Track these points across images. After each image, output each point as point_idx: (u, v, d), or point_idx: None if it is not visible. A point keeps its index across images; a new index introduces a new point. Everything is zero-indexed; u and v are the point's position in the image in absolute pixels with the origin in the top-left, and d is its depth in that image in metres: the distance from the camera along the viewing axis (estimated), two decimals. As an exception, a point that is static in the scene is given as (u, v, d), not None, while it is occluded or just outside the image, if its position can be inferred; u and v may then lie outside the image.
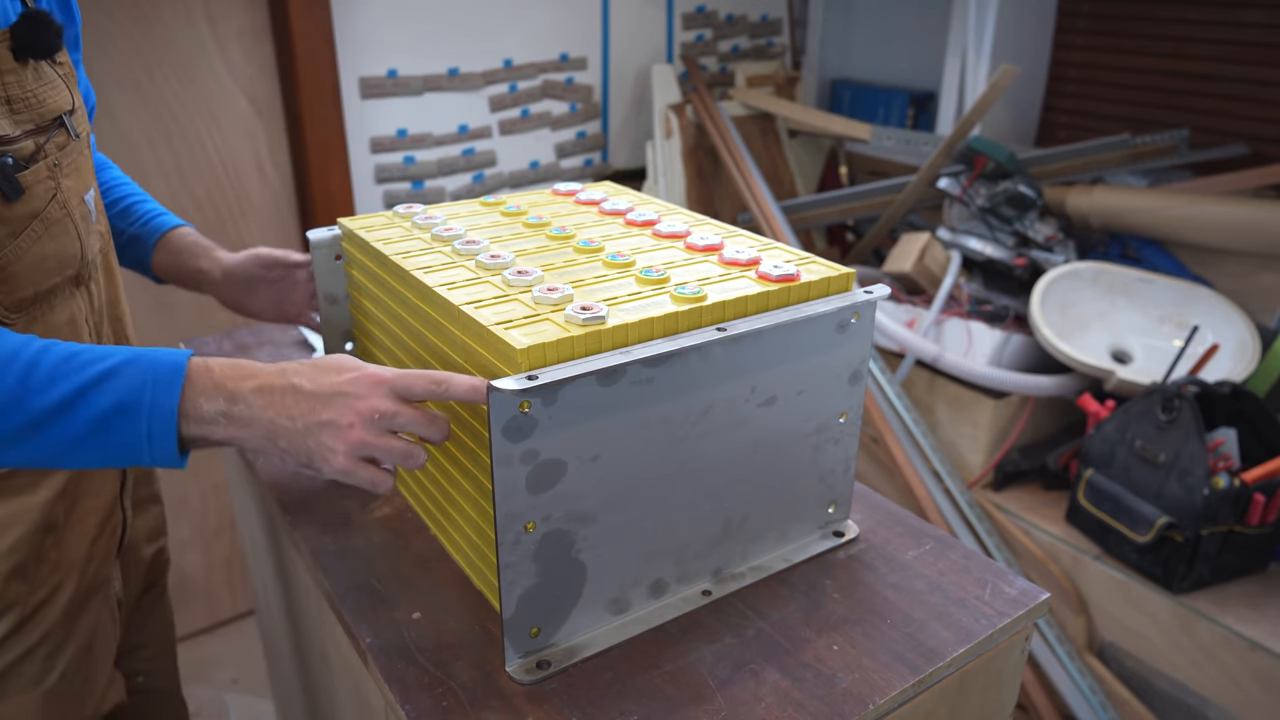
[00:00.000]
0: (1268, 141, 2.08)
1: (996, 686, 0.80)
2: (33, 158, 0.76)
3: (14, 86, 0.76)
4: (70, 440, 0.64)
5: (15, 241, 0.74)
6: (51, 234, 0.78)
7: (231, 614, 2.29)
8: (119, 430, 0.64)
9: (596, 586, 0.72)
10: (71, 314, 0.82)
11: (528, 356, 0.63)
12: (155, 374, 0.64)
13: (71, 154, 0.82)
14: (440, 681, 0.69)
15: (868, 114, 2.75)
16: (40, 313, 0.78)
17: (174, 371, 0.65)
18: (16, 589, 0.79)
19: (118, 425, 0.64)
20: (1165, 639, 1.66)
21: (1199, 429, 1.60)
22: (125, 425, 0.64)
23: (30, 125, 0.77)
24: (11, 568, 0.78)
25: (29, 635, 0.81)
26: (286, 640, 1.21)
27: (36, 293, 0.77)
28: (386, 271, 0.83)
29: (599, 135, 2.58)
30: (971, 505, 1.90)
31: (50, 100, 0.79)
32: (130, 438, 0.64)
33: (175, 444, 0.65)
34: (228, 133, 2.03)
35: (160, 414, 0.64)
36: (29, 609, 0.80)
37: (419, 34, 2.17)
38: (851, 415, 0.83)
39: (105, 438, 0.64)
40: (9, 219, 0.73)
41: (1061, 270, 2.01)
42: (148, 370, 0.65)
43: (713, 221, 0.93)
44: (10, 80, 0.75)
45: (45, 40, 0.78)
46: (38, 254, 0.76)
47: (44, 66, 0.79)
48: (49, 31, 0.78)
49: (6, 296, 0.75)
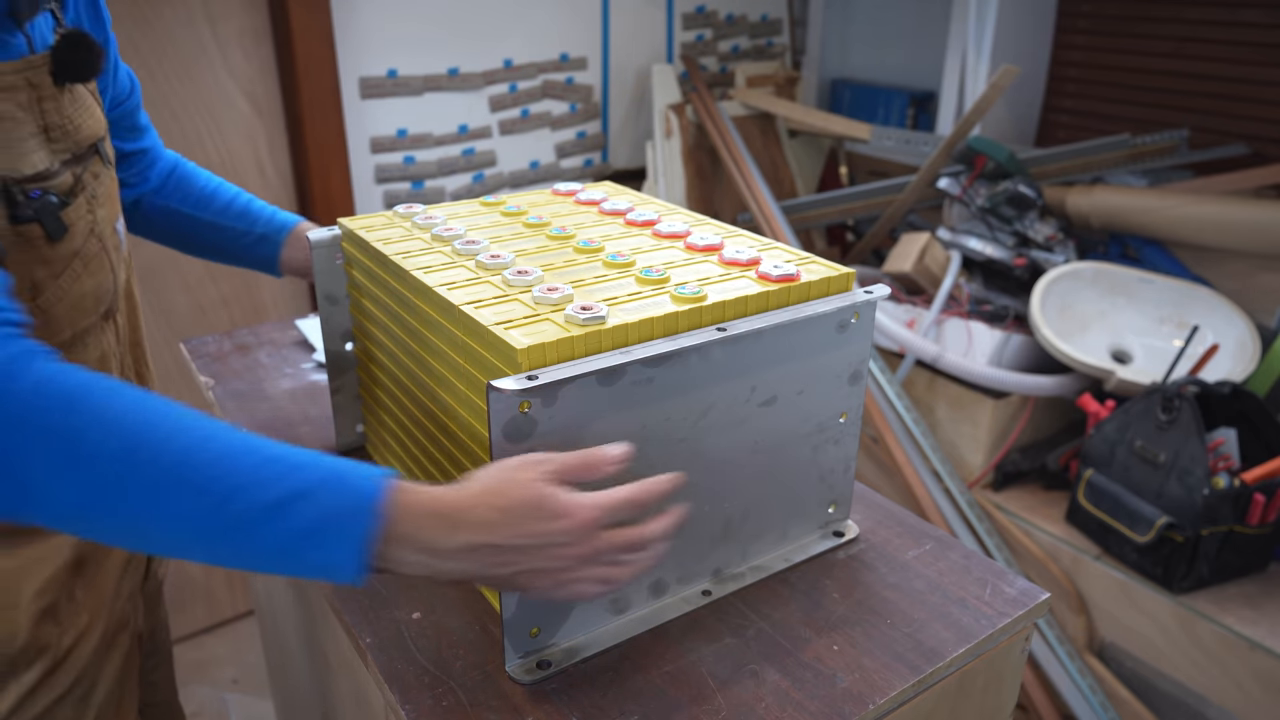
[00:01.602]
0: (1268, 141, 2.08)
1: (996, 686, 0.80)
2: (72, 191, 0.72)
3: (52, 114, 0.71)
4: (263, 550, 0.56)
5: (57, 283, 0.71)
6: (89, 270, 0.74)
7: (231, 614, 2.29)
8: (308, 555, 0.56)
9: (596, 586, 0.72)
10: (103, 350, 0.79)
11: (528, 356, 0.63)
12: (351, 506, 0.56)
13: (105, 182, 0.78)
14: (440, 681, 0.69)
15: (868, 114, 2.75)
16: (75, 354, 0.75)
17: (367, 505, 0.56)
18: (48, 632, 0.76)
19: (309, 552, 0.55)
20: (1165, 639, 1.66)
21: (1199, 429, 1.60)
22: (315, 553, 0.55)
23: (67, 155, 0.73)
24: (42, 610, 0.75)
25: (61, 680, 0.78)
26: (286, 640, 1.21)
27: (74, 333, 0.74)
28: (386, 271, 0.83)
29: (599, 135, 2.58)
30: (971, 505, 1.90)
31: (85, 126, 0.75)
32: (318, 561, 0.56)
33: (357, 575, 0.56)
34: (228, 133, 2.03)
35: (349, 550, 0.55)
36: (61, 652, 0.78)
37: (419, 34, 2.17)
38: (851, 415, 0.83)
39: (292, 558, 0.56)
40: (51, 259, 0.70)
41: (1061, 270, 2.01)
42: (347, 501, 0.56)
43: (713, 221, 0.93)
44: (49, 107, 0.71)
45: (89, 63, 0.73)
46: (77, 293, 0.73)
47: (78, 89, 0.75)
48: (90, 53, 0.74)
49: (46, 341, 0.69)
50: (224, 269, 2.09)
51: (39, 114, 0.70)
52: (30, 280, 0.69)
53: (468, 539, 0.57)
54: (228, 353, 1.29)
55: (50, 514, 0.55)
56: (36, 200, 0.69)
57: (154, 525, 0.55)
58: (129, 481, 0.53)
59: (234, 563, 0.58)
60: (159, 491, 0.54)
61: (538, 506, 0.59)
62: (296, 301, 2.24)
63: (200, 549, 0.56)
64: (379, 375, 0.92)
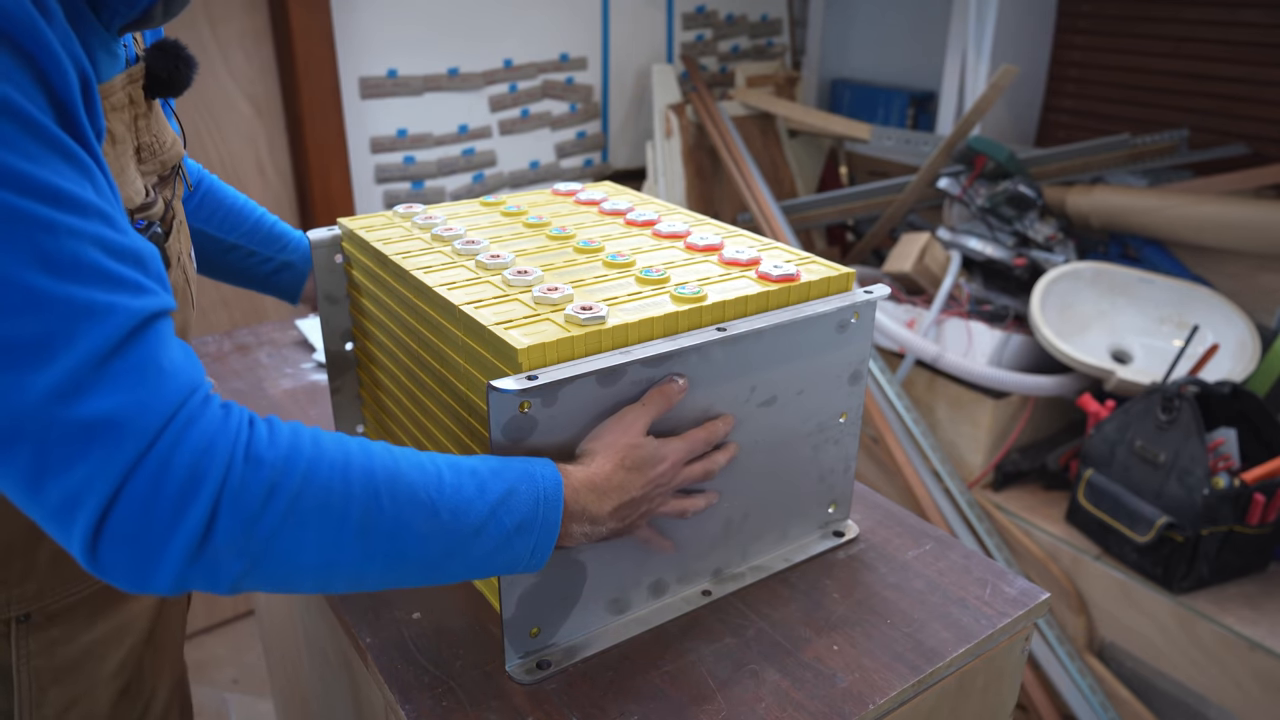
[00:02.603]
0: (1268, 141, 2.08)
1: (996, 686, 0.80)
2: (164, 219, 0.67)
3: (144, 132, 0.65)
4: (483, 555, 0.59)
5: None
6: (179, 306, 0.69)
7: (231, 614, 2.29)
8: (515, 547, 0.60)
9: (596, 586, 0.72)
10: None
11: (528, 356, 0.63)
12: (545, 493, 0.61)
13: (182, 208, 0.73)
14: (440, 681, 0.69)
15: (868, 114, 2.75)
16: None
17: (556, 490, 0.62)
18: (123, 710, 0.74)
19: (516, 543, 0.60)
20: (1165, 639, 1.66)
21: (1199, 429, 1.60)
22: (521, 542, 0.60)
23: (154, 178, 0.67)
24: (120, 688, 0.73)
25: None
26: (286, 640, 1.21)
27: None
28: (386, 271, 0.83)
29: (599, 135, 2.58)
30: (971, 505, 1.90)
31: (169, 145, 0.69)
32: (520, 554, 0.61)
33: (546, 558, 0.62)
34: (228, 134, 2.03)
35: (547, 533, 0.61)
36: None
37: (419, 34, 2.17)
38: (851, 415, 0.83)
39: (503, 554, 0.60)
40: None
41: (1061, 270, 2.01)
42: (540, 488, 0.61)
43: (713, 221, 0.93)
44: (141, 125, 0.65)
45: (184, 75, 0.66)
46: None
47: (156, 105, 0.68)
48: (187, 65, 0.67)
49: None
50: (224, 269, 2.08)
51: (134, 133, 0.64)
52: None
53: (615, 501, 0.65)
54: (228, 353, 1.29)
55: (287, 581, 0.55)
56: (144, 231, 0.64)
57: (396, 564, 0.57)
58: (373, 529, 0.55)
59: (453, 577, 0.61)
60: (400, 531, 0.56)
61: (650, 459, 0.67)
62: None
63: (430, 572, 0.59)
64: (379, 375, 0.92)
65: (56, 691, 0.69)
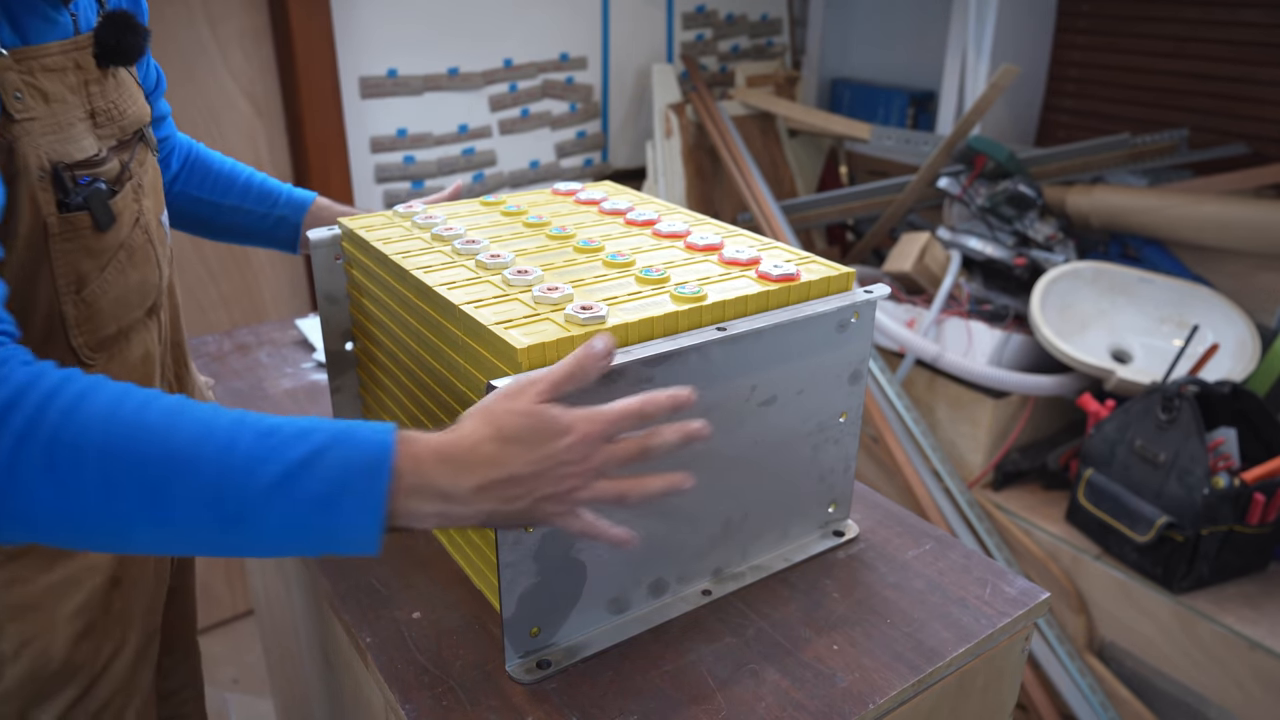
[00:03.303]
0: (1268, 141, 2.08)
1: (996, 686, 0.80)
2: (119, 179, 0.70)
3: (98, 98, 0.70)
4: (272, 531, 0.53)
5: (102, 275, 0.69)
6: (134, 263, 0.73)
7: (231, 614, 2.29)
8: (320, 523, 0.53)
9: (596, 586, 0.72)
10: (146, 348, 0.78)
11: (528, 356, 0.63)
12: (363, 460, 0.53)
13: (150, 171, 0.77)
14: (440, 681, 0.69)
15: (868, 114, 2.75)
16: (118, 349, 0.74)
17: (379, 458, 0.54)
18: (85, 651, 0.74)
19: (323, 517, 0.53)
20: (1165, 639, 1.66)
21: (1199, 429, 1.60)
22: (329, 517, 0.53)
23: (113, 141, 0.71)
24: (80, 630, 0.74)
25: (97, 697, 0.76)
26: (286, 640, 1.21)
27: (119, 329, 0.73)
28: (386, 271, 0.83)
29: (599, 135, 2.58)
30: (971, 505, 1.90)
31: (130, 111, 0.74)
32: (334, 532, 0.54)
33: (376, 538, 0.54)
34: (228, 133, 2.03)
35: (366, 508, 0.53)
36: (97, 670, 0.76)
37: (419, 34, 2.17)
38: (851, 415, 0.83)
39: (306, 531, 0.53)
40: (97, 251, 0.68)
41: (1061, 270, 2.01)
42: (359, 454, 0.53)
43: (713, 221, 0.93)
44: (95, 91, 0.69)
45: (133, 44, 0.71)
46: (122, 287, 0.71)
47: (122, 74, 0.73)
48: (135, 34, 0.71)
49: (90, 336, 0.70)
50: (224, 268, 2.09)
51: (86, 97, 0.69)
52: (76, 272, 0.68)
53: (481, 478, 0.56)
54: (228, 352, 1.29)
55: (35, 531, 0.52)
56: (86, 187, 0.67)
57: (152, 529, 0.52)
58: (117, 487, 0.51)
59: (250, 551, 0.55)
60: (155, 494, 0.51)
61: (538, 429, 0.57)
62: (296, 301, 2.24)
63: (210, 544, 0.54)
64: (379, 375, 0.92)
65: (13, 628, 0.71)
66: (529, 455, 0.56)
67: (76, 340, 0.69)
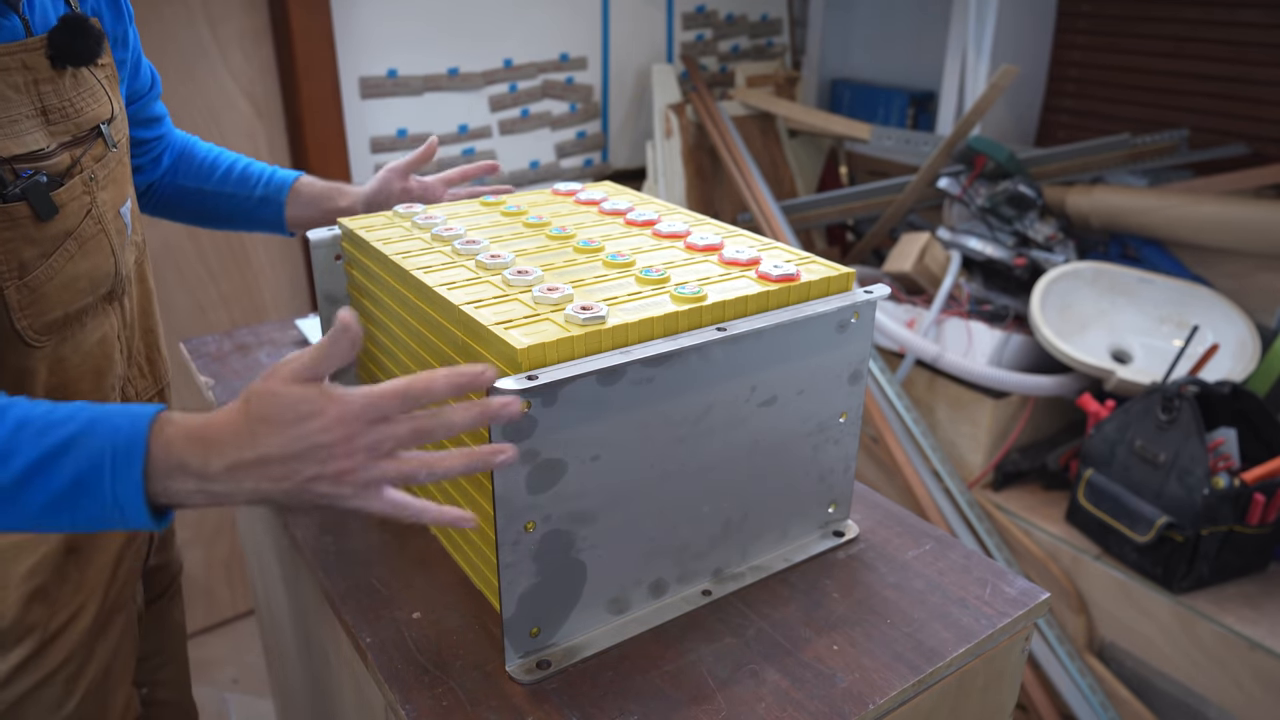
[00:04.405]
0: (1268, 141, 2.08)
1: (996, 686, 0.80)
2: (68, 173, 0.73)
3: (50, 96, 0.73)
4: (35, 514, 0.57)
5: (47, 262, 0.72)
6: (85, 252, 0.75)
7: (231, 614, 2.29)
8: (86, 506, 0.57)
9: (596, 586, 0.72)
10: (104, 333, 0.80)
11: (528, 356, 0.63)
12: (116, 445, 0.57)
13: (109, 165, 0.79)
14: (440, 681, 0.69)
15: (868, 114, 2.75)
16: (70, 333, 0.76)
17: (131, 442, 0.57)
18: (37, 613, 0.77)
19: (84, 501, 0.57)
20: (1165, 639, 1.66)
21: (1199, 429, 1.60)
22: (91, 501, 0.57)
23: (67, 137, 0.74)
24: (32, 591, 0.76)
25: (49, 660, 0.78)
26: (286, 640, 1.21)
27: (67, 313, 0.75)
28: (386, 271, 0.83)
29: (599, 135, 2.58)
30: (971, 505, 1.90)
31: (89, 110, 0.76)
32: (98, 512, 0.57)
33: (148, 517, 0.58)
34: (228, 133, 2.03)
35: (125, 491, 0.57)
36: (50, 633, 0.78)
37: (419, 34, 2.17)
38: (851, 415, 0.83)
39: (73, 512, 0.57)
40: (39, 239, 0.71)
41: (1061, 270, 2.01)
42: (113, 440, 0.57)
43: (713, 221, 0.93)
44: (47, 89, 0.72)
45: (84, 47, 0.75)
46: (70, 274, 0.74)
47: (84, 73, 0.76)
48: (89, 38, 0.75)
49: (36, 319, 0.72)
50: (224, 268, 2.09)
51: (36, 95, 0.71)
52: (17, 260, 0.70)
53: (231, 458, 0.57)
54: (228, 352, 1.29)
55: None
56: (26, 180, 0.70)
57: None
58: None
59: (25, 527, 0.59)
60: None
61: (286, 410, 0.57)
62: (296, 301, 2.24)
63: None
64: (379, 375, 0.92)
65: None
66: (278, 436, 0.57)
67: (21, 323, 0.72)
